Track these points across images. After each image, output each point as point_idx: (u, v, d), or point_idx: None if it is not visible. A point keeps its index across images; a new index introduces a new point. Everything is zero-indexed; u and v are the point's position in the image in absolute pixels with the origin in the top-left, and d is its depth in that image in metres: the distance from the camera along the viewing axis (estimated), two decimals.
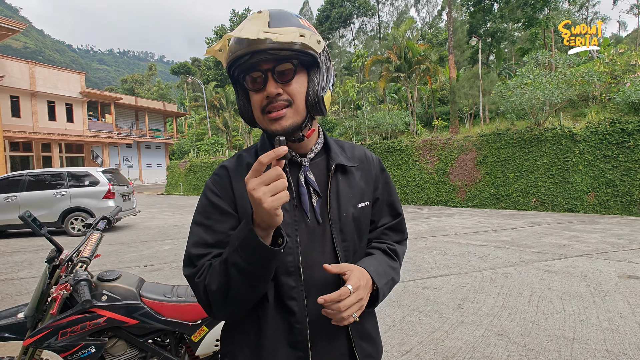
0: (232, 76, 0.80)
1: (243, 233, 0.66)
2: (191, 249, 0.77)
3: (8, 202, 8.11)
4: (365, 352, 0.84)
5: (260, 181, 0.61)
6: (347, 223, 0.82)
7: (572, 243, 6.00)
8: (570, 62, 12.13)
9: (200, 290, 0.73)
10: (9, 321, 1.48)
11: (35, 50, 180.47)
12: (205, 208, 0.80)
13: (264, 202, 0.60)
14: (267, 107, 0.74)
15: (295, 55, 0.73)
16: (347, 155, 0.89)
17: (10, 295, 4.17)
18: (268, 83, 0.74)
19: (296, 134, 0.77)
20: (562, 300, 3.54)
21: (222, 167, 0.84)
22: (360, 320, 0.82)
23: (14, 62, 25.34)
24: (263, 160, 0.61)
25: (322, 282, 0.78)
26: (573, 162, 9.68)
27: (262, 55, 0.71)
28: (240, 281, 0.68)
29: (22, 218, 1.44)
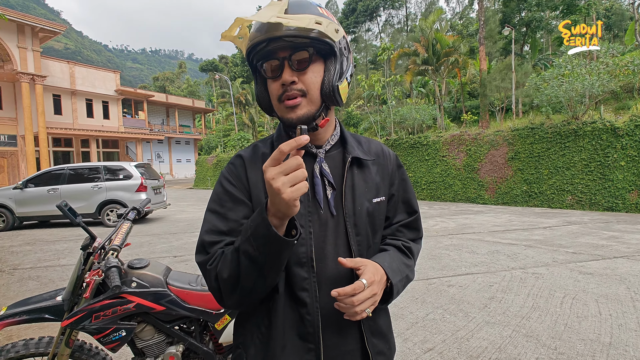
0: (251, 64, 0.80)
1: (256, 222, 0.65)
2: (204, 236, 0.77)
3: (51, 194, 8.66)
4: (377, 349, 0.82)
5: (279, 170, 0.60)
6: (362, 217, 0.81)
7: (611, 244, 5.65)
8: (614, 50, 11.35)
9: (212, 277, 0.72)
10: (48, 303, 1.59)
11: (75, 50, 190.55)
12: (220, 196, 0.80)
13: (283, 192, 0.59)
14: (283, 96, 0.74)
15: (312, 43, 0.72)
16: (363, 149, 0.88)
17: (52, 281, 4.47)
18: (284, 71, 0.73)
19: (310, 123, 0.76)
20: (598, 303, 3.35)
21: (237, 156, 0.84)
22: (373, 316, 0.81)
23: (56, 63, 26.88)
24: (284, 149, 0.59)
25: (335, 275, 0.78)
26: (614, 158, 9.09)
27: (279, 43, 0.71)
28: (251, 270, 0.67)
29: (59, 207, 1.53)
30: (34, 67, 22.17)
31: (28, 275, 4.74)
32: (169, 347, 1.63)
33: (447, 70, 20.31)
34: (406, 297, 3.64)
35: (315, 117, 0.76)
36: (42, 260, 5.56)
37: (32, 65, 22.13)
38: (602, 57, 11.08)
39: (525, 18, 25.07)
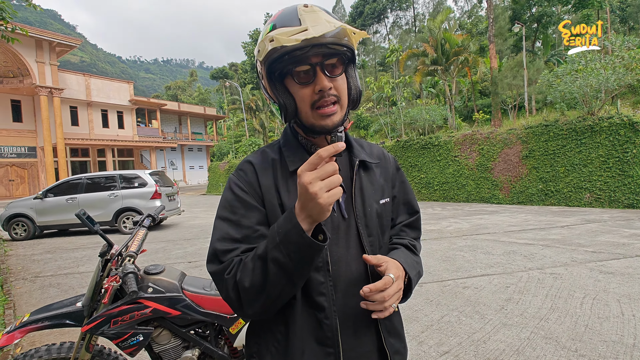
0: (270, 69, 0.76)
1: (285, 228, 0.65)
2: (216, 244, 0.75)
3: (69, 203, 8.91)
4: (395, 349, 0.83)
5: (316, 175, 0.60)
6: (372, 218, 0.83)
7: (632, 242, 5.48)
8: (630, 43, 11.05)
9: (230, 286, 0.71)
10: (69, 309, 1.64)
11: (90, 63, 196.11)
12: (231, 203, 0.79)
13: (319, 197, 0.60)
14: (318, 102, 0.74)
15: (343, 51, 0.74)
16: (367, 153, 0.90)
17: (72, 288, 4.59)
18: (319, 77, 0.72)
19: (340, 127, 0.77)
20: (620, 303, 3.25)
21: (247, 162, 0.84)
22: (390, 317, 0.83)
23: (72, 75, 27.74)
24: (323, 154, 0.60)
25: (349, 277, 0.78)
26: (634, 154, 8.82)
27: (320, 49, 0.70)
28: (280, 277, 0.66)
29: (78, 216, 1.58)
30: (51, 81, 22.94)
31: (49, 283, 4.88)
32: (185, 351, 1.66)
33: (457, 69, 20.12)
34: (420, 299, 3.60)
35: (343, 121, 0.78)
36: (62, 268, 5.71)
37: (50, 78, 22.89)
38: (617, 51, 10.80)
39: (536, 14, 24.67)
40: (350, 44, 0.73)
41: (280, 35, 0.68)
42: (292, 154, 0.82)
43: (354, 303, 0.77)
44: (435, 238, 6.54)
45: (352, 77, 0.79)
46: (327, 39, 0.69)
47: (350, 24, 54.24)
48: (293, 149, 0.83)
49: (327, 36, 0.68)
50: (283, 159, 0.83)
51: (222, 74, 56.81)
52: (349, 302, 0.77)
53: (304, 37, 0.66)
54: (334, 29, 0.68)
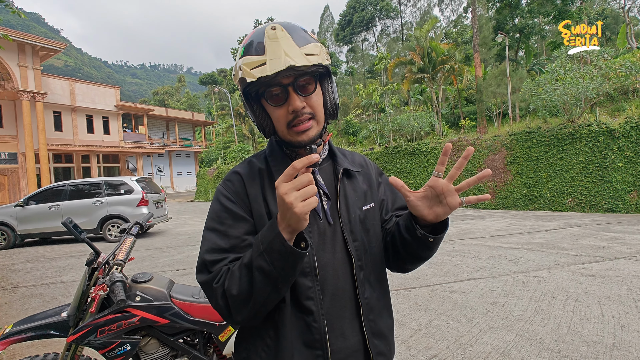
0: (246, 91, 0.79)
1: (269, 237, 0.67)
2: (205, 255, 0.77)
3: (52, 210, 8.69)
4: (378, 350, 0.85)
5: (292, 186, 0.63)
6: (356, 224, 0.85)
7: (612, 245, 5.66)
8: (606, 54, 11.48)
9: (219, 295, 0.73)
10: (54, 319, 1.61)
11: (75, 67, 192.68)
12: (219, 214, 0.80)
13: (295, 206, 0.62)
14: (293, 122, 0.77)
15: (314, 68, 0.75)
16: (349, 161, 0.93)
17: (55, 298, 4.47)
18: (291, 98, 0.75)
19: (318, 140, 0.81)
20: (600, 305, 3.35)
21: (234, 172, 0.85)
22: (375, 319, 0.85)
23: (56, 80, 27.18)
24: (297, 166, 0.63)
25: (336, 281, 0.81)
26: (612, 160, 9.13)
27: (287, 72, 0.72)
28: (265, 284, 0.69)
29: (65, 224, 1.57)
30: (34, 85, 22.42)
31: (30, 293, 4.74)
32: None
33: (443, 77, 20.53)
34: (409, 304, 3.64)
35: (321, 134, 0.82)
36: (44, 278, 5.56)
37: (32, 83, 22.38)
38: (594, 61, 11.20)
39: (519, 24, 25.44)
40: (321, 61, 0.75)
41: (245, 66, 0.72)
42: (277, 164, 0.85)
43: (341, 305, 0.80)
44: None
45: (327, 90, 0.81)
46: (294, 63, 0.70)
47: (338, 32, 54.83)
48: (278, 158, 0.86)
49: (293, 62, 0.70)
50: (269, 168, 0.85)
51: (211, 79, 56.55)
52: (336, 305, 0.80)
53: (259, 74, 0.70)
54: (285, 67, 0.69)
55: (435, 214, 0.76)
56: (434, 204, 0.76)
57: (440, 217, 0.76)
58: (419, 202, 0.75)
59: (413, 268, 0.92)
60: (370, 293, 0.85)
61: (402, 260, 0.89)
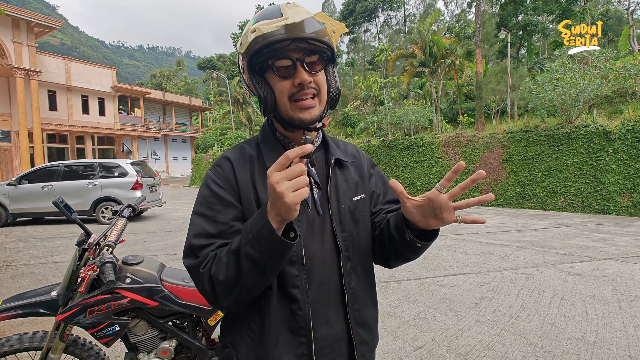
0: (252, 62, 0.77)
1: (258, 225, 0.67)
2: (192, 240, 0.77)
3: (45, 190, 8.62)
4: (362, 339, 0.86)
5: (284, 175, 0.62)
6: (346, 214, 0.85)
7: (600, 245, 5.75)
8: (607, 55, 11.48)
9: (205, 280, 0.73)
10: (43, 298, 1.61)
11: (71, 46, 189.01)
12: (207, 199, 0.80)
13: (285, 196, 0.62)
14: (297, 95, 0.76)
15: (324, 48, 0.76)
16: (342, 151, 0.93)
17: (46, 278, 4.47)
18: (299, 71, 0.75)
19: (318, 123, 0.80)
20: (585, 303, 3.42)
21: (224, 158, 0.85)
22: (360, 309, 0.86)
23: (52, 58, 26.67)
24: (290, 155, 0.62)
25: (322, 271, 0.81)
26: (606, 162, 9.21)
27: (301, 44, 0.73)
28: (253, 271, 0.69)
29: (55, 204, 1.56)
30: (29, 62, 22.00)
31: (21, 272, 4.74)
32: (162, 342, 1.66)
33: (443, 72, 20.43)
34: (398, 296, 3.69)
35: (321, 117, 0.80)
36: (36, 257, 5.55)
37: (27, 60, 21.95)
38: (595, 62, 11.20)
39: (522, 22, 25.29)
40: (330, 42, 0.76)
41: (261, 26, 0.70)
42: (269, 151, 0.84)
43: (326, 294, 0.81)
44: None
45: (331, 76, 0.82)
46: (308, 34, 0.72)
47: (341, 21, 54.14)
48: (271, 145, 0.85)
49: (309, 30, 0.72)
50: (261, 155, 0.84)
51: (210, 64, 55.81)
52: (322, 294, 0.81)
53: (284, 23, 0.69)
54: (311, 16, 0.72)
55: (427, 223, 0.75)
56: (428, 215, 0.74)
57: (431, 227, 0.75)
58: (414, 210, 0.74)
59: (397, 265, 0.92)
60: (356, 283, 0.85)
61: (387, 256, 0.89)
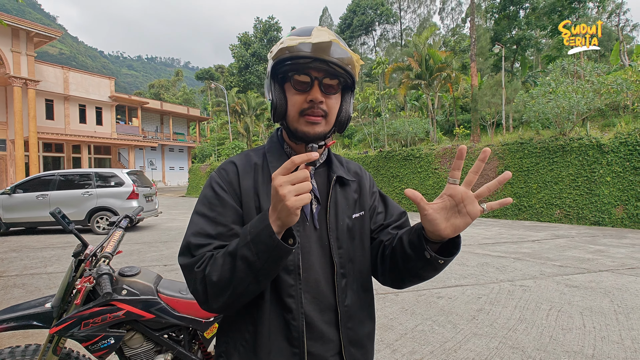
0: (275, 70, 0.82)
1: (258, 228, 0.67)
2: (190, 238, 0.77)
3: (40, 200, 8.55)
4: (354, 358, 0.84)
5: (287, 179, 0.64)
6: (343, 232, 0.85)
7: (596, 257, 5.76)
8: (599, 70, 11.70)
9: (198, 280, 0.73)
10: (37, 310, 1.59)
11: (70, 56, 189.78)
12: (210, 200, 0.81)
13: (287, 199, 0.63)
14: (307, 111, 0.79)
15: (344, 75, 0.80)
16: (344, 169, 0.94)
17: (38, 289, 4.40)
18: (314, 89, 0.79)
19: (320, 141, 0.82)
20: (582, 315, 3.41)
21: (230, 162, 0.87)
22: (353, 327, 0.85)
23: (50, 67, 26.74)
24: (296, 161, 0.64)
25: (317, 285, 0.82)
26: (600, 174, 9.31)
27: (322, 65, 0.77)
28: (246, 275, 0.68)
29: (53, 214, 1.55)
30: (27, 72, 22.04)
31: (13, 283, 4.66)
32: (157, 355, 1.64)
33: (439, 84, 20.69)
34: (396, 308, 3.66)
35: (325, 137, 0.83)
36: (29, 268, 5.47)
37: (25, 69, 22.00)
38: (587, 76, 11.41)
39: (516, 36, 25.81)
40: (352, 71, 0.81)
41: (289, 39, 0.78)
42: (275, 160, 0.86)
43: (320, 310, 0.81)
44: None
45: (346, 102, 0.85)
46: (331, 58, 0.76)
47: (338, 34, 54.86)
48: (277, 155, 0.87)
49: (334, 55, 0.77)
50: (266, 164, 0.86)
51: (208, 75, 56.18)
52: (316, 309, 0.80)
53: (306, 41, 0.76)
54: (340, 45, 0.78)
55: (453, 227, 0.70)
56: (451, 215, 0.70)
57: (459, 229, 0.71)
58: (437, 214, 0.70)
59: (410, 285, 0.88)
60: (352, 301, 0.85)
61: (400, 277, 0.86)
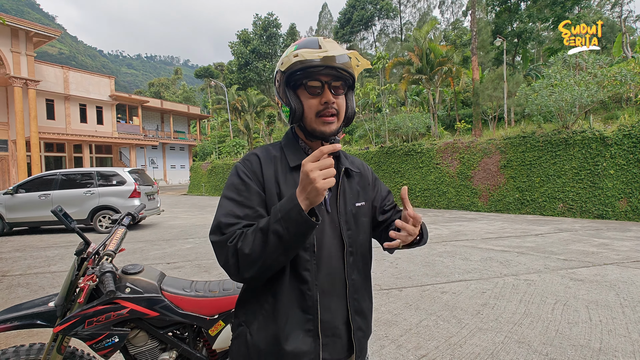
0: (289, 79, 0.94)
1: (287, 207, 0.79)
2: (221, 218, 0.88)
3: (42, 199, 8.56)
4: (358, 325, 0.98)
5: (317, 165, 0.76)
6: (350, 216, 0.99)
7: (601, 251, 5.73)
8: (601, 62, 11.60)
9: (230, 253, 0.83)
10: (40, 309, 1.58)
11: (69, 55, 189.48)
12: (237, 186, 0.93)
13: (317, 182, 0.75)
14: (322, 112, 0.93)
15: (347, 77, 0.95)
16: (349, 162, 1.09)
17: (42, 288, 4.41)
18: (326, 92, 0.92)
19: (334, 136, 0.96)
20: (588, 309, 3.39)
21: (253, 154, 0.99)
22: (359, 299, 0.99)
23: (50, 67, 26.71)
24: (325, 150, 0.77)
25: (329, 261, 0.95)
26: (604, 167, 9.25)
27: (331, 71, 0.91)
28: (277, 247, 0.80)
29: (54, 213, 1.53)
30: (27, 72, 22.02)
31: (17, 282, 4.67)
32: (162, 353, 1.63)
33: (440, 79, 20.57)
34: (400, 303, 3.65)
35: (337, 132, 0.98)
36: (32, 267, 5.48)
37: (25, 69, 21.98)
38: (590, 69, 11.30)
39: (517, 29, 25.61)
40: (353, 73, 0.95)
41: (304, 52, 0.88)
42: (292, 153, 0.99)
43: (331, 282, 0.94)
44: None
45: (350, 100, 1.00)
46: (338, 64, 0.90)
47: (338, 30, 54.70)
48: (293, 149, 1.01)
49: (339, 61, 0.90)
50: (284, 156, 0.99)
51: (207, 72, 56.06)
52: (328, 281, 0.93)
53: (325, 54, 0.87)
54: (345, 53, 0.90)
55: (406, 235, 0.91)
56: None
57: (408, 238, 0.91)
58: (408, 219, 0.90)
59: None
60: (357, 276, 0.99)
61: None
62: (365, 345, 1.03)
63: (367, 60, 0.95)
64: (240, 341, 0.95)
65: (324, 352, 0.92)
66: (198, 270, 5.08)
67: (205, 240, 7.35)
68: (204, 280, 1.69)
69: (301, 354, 0.89)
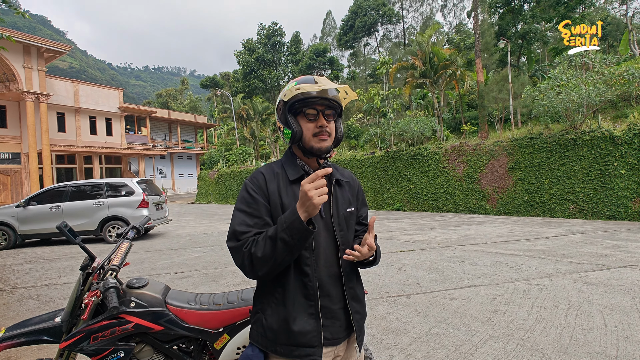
0: (291, 107, 1.16)
1: (291, 219, 0.99)
2: (236, 227, 1.09)
3: (53, 211, 8.69)
4: (355, 309, 1.20)
5: (313, 185, 0.97)
6: (342, 219, 1.20)
7: (614, 253, 5.60)
8: (608, 61, 11.44)
9: (245, 257, 1.04)
10: (47, 325, 1.59)
11: (79, 69, 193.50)
12: (247, 200, 1.13)
13: (314, 198, 0.96)
14: (319, 134, 1.15)
15: (337, 106, 1.19)
16: (340, 174, 1.29)
17: (53, 300, 4.45)
18: (320, 118, 1.16)
19: (327, 153, 1.18)
20: (603, 314, 3.30)
21: (259, 172, 1.20)
22: (353, 287, 1.21)
23: (61, 82, 27.31)
24: (319, 174, 0.98)
25: (325, 257, 1.16)
26: (614, 167, 9.08)
27: (325, 101, 1.15)
28: (284, 250, 1.00)
29: (59, 228, 1.55)
30: (39, 87, 22.54)
31: (29, 294, 4.72)
32: None
33: (445, 82, 20.52)
34: (409, 311, 3.60)
35: (329, 150, 1.19)
36: (43, 279, 5.54)
37: (37, 84, 22.50)
38: (597, 67, 11.16)
39: (521, 30, 25.47)
40: (341, 104, 1.21)
41: (304, 87, 1.11)
42: (291, 169, 1.20)
43: (328, 274, 1.15)
44: (424, 249, 6.58)
45: (339, 125, 1.23)
46: (330, 96, 1.15)
47: (341, 37, 55.04)
48: (292, 166, 1.22)
49: (331, 94, 1.15)
50: (284, 172, 1.20)
51: (213, 82, 56.69)
52: (325, 273, 1.15)
53: (323, 88, 1.11)
54: (336, 87, 1.15)
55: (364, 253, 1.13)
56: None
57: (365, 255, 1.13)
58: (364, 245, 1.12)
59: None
60: (349, 269, 1.21)
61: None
62: (363, 325, 1.23)
63: (354, 92, 1.19)
64: (258, 324, 1.16)
65: (325, 332, 1.12)
66: (206, 279, 5.08)
67: (212, 248, 7.37)
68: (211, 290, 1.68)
69: (305, 333, 1.09)
